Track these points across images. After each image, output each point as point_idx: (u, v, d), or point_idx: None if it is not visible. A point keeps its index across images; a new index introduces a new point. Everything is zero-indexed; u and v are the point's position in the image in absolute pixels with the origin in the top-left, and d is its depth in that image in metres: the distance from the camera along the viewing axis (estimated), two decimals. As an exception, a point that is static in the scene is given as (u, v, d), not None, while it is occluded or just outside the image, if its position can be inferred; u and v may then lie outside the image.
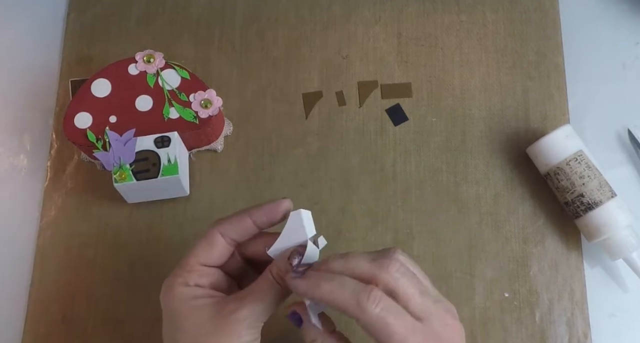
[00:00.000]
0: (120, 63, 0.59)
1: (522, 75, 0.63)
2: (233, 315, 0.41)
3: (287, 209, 0.44)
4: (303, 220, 0.43)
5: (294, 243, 0.43)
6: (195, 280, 0.44)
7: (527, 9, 0.65)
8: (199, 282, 0.44)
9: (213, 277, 0.45)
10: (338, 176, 0.61)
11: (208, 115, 0.57)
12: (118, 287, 0.58)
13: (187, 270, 0.44)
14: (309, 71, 0.64)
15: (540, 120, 0.62)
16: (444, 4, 0.66)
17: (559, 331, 0.57)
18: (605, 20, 0.66)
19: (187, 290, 0.43)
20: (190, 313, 0.42)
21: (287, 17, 0.66)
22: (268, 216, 0.44)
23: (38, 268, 0.59)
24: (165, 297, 0.44)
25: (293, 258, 0.42)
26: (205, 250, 0.44)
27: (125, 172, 0.55)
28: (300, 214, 0.43)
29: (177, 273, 0.44)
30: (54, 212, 0.61)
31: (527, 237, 0.59)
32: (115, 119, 0.57)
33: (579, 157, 0.57)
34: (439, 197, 0.60)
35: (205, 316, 0.42)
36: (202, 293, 0.43)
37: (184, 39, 0.65)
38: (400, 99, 0.63)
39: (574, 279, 0.58)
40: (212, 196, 0.61)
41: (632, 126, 0.62)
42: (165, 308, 0.44)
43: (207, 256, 0.44)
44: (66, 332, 0.57)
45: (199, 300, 0.43)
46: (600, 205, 0.56)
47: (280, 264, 0.42)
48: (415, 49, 0.65)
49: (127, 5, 0.67)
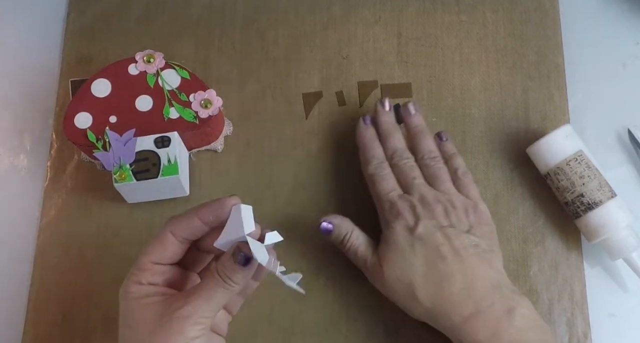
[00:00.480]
0: (120, 63, 0.59)
1: (522, 75, 0.63)
2: (177, 312, 0.42)
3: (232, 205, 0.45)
4: (242, 215, 0.43)
5: (235, 237, 0.43)
6: (148, 279, 0.44)
7: (527, 9, 0.65)
8: (151, 280, 0.44)
9: (167, 275, 0.45)
10: (338, 176, 0.61)
11: (208, 115, 0.57)
12: (118, 287, 0.58)
13: (140, 269, 0.44)
14: (309, 71, 0.64)
15: (540, 120, 0.62)
16: (444, 4, 0.66)
17: (559, 331, 0.57)
18: (605, 20, 0.66)
19: (140, 288, 0.44)
20: (139, 310, 0.43)
21: (287, 17, 0.66)
22: (214, 214, 0.44)
23: (38, 268, 0.59)
24: (121, 295, 0.45)
25: (236, 255, 0.42)
26: (158, 249, 0.45)
27: (125, 172, 0.55)
28: (240, 209, 0.43)
29: (132, 272, 0.45)
30: (54, 212, 0.61)
31: (527, 237, 0.59)
32: (115, 119, 0.57)
33: (579, 157, 0.57)
34: (439, 197, 0.60)
35: (152, 314, 0.43)
36: (154, 292, 0.44)
37: (184, 39, 0.65)
38: (400, 99, 0.63)
39: (574, 279, 0.58)
40: (212, 196, 0.60)
41: (632, 126, 0.62)
42: (120, 307, 0.45)
43: (159, 255, 0.45)
44: (66, 332, 0.58)
45: (148, 298, 0.44)
46: (600, 205, 0.56)
47: (224, 261, 0.43)
48: (415, 49, 0.65)
49: (127, 5, 0.67)
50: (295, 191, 0.61)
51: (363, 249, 0.53)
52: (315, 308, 0.57)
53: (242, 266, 0.42)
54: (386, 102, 0.58)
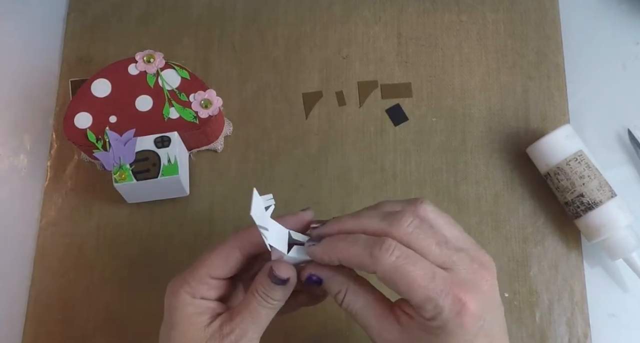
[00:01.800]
0: (120, 63, 0.59)
1: (522, 75, 0.63)
2: (227, 338, 0.42)
3: (310, 219, 0.44)
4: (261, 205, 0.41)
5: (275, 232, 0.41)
6: (202, 293, 0.43)
7: (527, 9, 0.65)
8: (205, 295, 0.43)
9: (220, 290, 0.44)
10: (338, 176, 0.61)
11: (208, 115, 0.57)
12: (118, 287, 0.59)
13: (196, 280, 0.43)
14: (309, 71, 0.64)
15: (540, 120, 0.62)
16: (444, 4, 0.66)
17: (559, 331, 0.57)
18: (605, 20, 0.66)
19: (192, 301, 0.43)
20: (188, 327, 0.43)
21: (287, 17, 0.66)
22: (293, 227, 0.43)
23: (38, 268, 0.59)
24: (169, 301, 0.43)
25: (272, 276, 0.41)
26: (220, 265, 0.43)
27: (125, 172, 0.55)
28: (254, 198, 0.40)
29: (186, 279, 0.43)
30: (54, 212, 0.61)
31: (527, 237, 0.59)
32: (115, 119, 0.57)
33: (579, 157, 0.57)
34: (439, 197, 0.60)
35: (201, 334, 0.42)
36: (205, 309, 0.43)
37: (184, 39, 0.65)
38: (400, 99, 0.63)
39: (574, 279, 0.58)
40: (212, 196, 0.61)
41: (632, 126, 0.62)
42: (167, 311, 0.44)
43: (220, 271, 0.43)
44: (66, 332, 0.58)
45: (200, 316, 0.43)
46: (600, 205, 0.56)
47: (261, 279, 0.42)
48: (415, 49, 0.65)
49: (127, 5, 0.67)
50: (295, 191, 0.61)
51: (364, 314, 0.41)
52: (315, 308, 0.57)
53: (279, 286, 0.41)
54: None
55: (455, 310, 0.37)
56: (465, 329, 0.37)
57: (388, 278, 0.38)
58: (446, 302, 0.37)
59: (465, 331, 0.37)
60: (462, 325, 0.37)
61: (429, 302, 0.37)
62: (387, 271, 0.38)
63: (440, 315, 0.37)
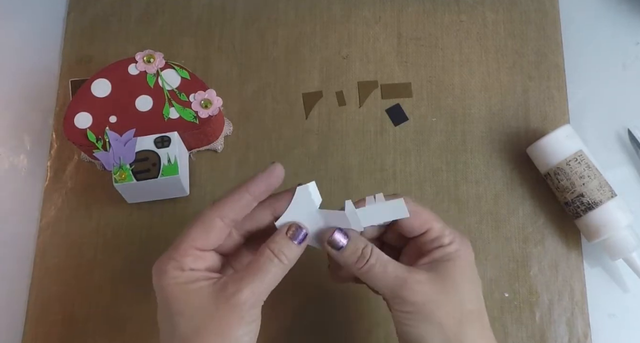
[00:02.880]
0: (120, 63, 0.59)
1: (522, 75, 0.64)
2: (234, 297, 0.41)
3: (281, 173, 0.45)
4: (311, 194, 0.45)
5: (303, 214, 0.44)
6: (190, 265, 0.43)
7: (527, 9, 0.65)
8: (193, 266, 0.43)
9: (208, 261, 0.44)
10: (338, 176, 0.61)
11: (208, 115, 0.57)
12: (118, 287, 0.58)
13: (181, 254, 0.43)
14: (309, 71, 0.64)
15: (540, 120, 0.62)
16: (444, 4, 0.66)
17: (559, 331, 0.57)
18: (605, 20, 0.66)
19: (182, 274, 0.42)
20: (187, 296, 0.42)
21: (287, 17, 0.66)
22: (266, 184, 0.44)
23: (38, 268, 0.59)
24: (160, 281, 0.43)
25: (295, 232, 0.43)
26: (202, 235, 0.43)
27: (125, 172, 0.55)
28: (308, 188, 0.45)
29: (171, 256, 0.43)
30: (54, 212, 0.61)
31: (527, 237, 0.59)
32: (115, 119, 0.57)
33: (579, 157, 0.57)
34: (439, 196, 0.60)
35: (204, 299, 0.41)
36: (198, 276, 0.43)
37: (184, 39, 0.65)
38: (400, 99, 0.63)
39: (574, 279, 0.58)
40: (212, 196, 0.61)
41: (632, 126, 0.62)
42: (160, 293, 0.43)
43: (203, 241, 0.43)
44: (66, 332, 0.58)
45: (195, 283, 0.42)
46: (600, 205, 0.56)
47: (278, 239, 0.43)
48: (415, 49, 0.65)
49: (127, 5, 0.67)
50: (295, 191, 0.61)
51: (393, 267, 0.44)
52: (315, 308, 0.57)
53: (298, 244, 0.43)
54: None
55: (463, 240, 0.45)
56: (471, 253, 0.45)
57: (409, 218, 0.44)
58: (456, 233, 0.45)
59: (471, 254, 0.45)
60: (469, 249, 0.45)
61: (445, 228, 0.45)
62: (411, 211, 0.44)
63: (455, 240, 0.45)
